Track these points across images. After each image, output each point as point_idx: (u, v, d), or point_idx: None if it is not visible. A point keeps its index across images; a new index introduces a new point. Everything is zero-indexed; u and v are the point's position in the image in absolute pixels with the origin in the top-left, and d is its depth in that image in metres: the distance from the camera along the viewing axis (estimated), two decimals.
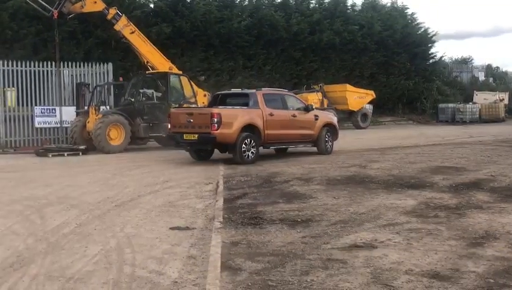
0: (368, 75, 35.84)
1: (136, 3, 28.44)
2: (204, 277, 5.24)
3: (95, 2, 20.92)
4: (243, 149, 14.10)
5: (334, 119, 17.17)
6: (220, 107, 15.05)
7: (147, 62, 21.33)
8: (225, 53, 30.37)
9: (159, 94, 20.10)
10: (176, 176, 12.46)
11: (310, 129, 15.82)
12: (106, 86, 20.93)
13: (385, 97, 35.62)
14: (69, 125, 20.05)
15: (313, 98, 28.71)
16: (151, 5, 29.24)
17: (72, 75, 21.79)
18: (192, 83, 20.49)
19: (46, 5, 20.90)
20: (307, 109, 15.96)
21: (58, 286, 5.17)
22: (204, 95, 21.78)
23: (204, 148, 15.06)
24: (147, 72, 20.89)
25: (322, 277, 5.16)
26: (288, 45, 32.31)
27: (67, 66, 21.55)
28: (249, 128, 14.39)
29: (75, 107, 20.66)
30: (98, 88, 20.17)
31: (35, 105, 20.77)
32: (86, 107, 19.63)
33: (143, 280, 5.32)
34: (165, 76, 19.92)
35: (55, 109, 20.70)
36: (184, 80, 20.13)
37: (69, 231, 7.37)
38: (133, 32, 21.19)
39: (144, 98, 19.60)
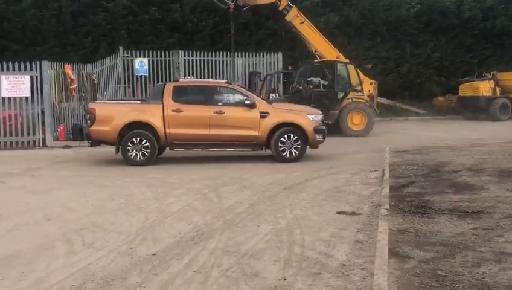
0: None
1: None
2: (372, 262, 5.21)
3: None
4: (128, 148, 12.27)
5: (304, 119, 12.77)
6: (108, 101, 14.01)
7: (315, 51, 21.49)
8: (392, 41, 29.56)
9: (326, 82, 20.15)
10: (341, 162, 12.47)
11: (251, 129, 12.52)
12: (276, 75, 21.43)
13: None
14: None
15: (485, 86, 26.99)
16: None
17: (244, 65, 22.56)
18: (358, 71, 20.26)
19: None
20: (250, 104, 12.59)
21: (234, 261, 5.44)
22: (371, 83, 21.49)
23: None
24: (314, 60, 21.03)
25: (495, 270, 4.89)
26: (459, 31, 30.60)
27: (241, 56, 22.32)
28: (144, 126, 12.43)
29: None
30: (269, 77, 20.72)
31: None
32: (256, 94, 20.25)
33: (312, 260, 5.41)
34: (332, 64, 19.90)
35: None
36: (351, 68, 19.95)
37: (242, 210, 7.71)
38: (302, 22, 21.47)
39: (311, 86, 19.76)
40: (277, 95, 20.41)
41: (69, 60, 20.39)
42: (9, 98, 16.35)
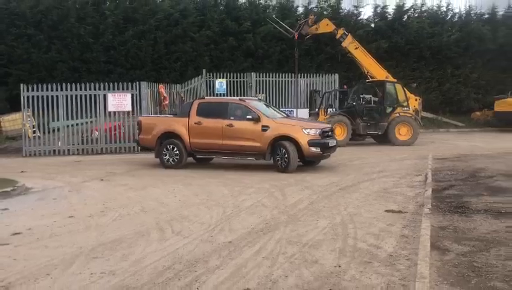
0: None
1: (360, 24, 28.32)
2: (416, 254, 5.11)
3: (327, 25, 21.57)
4: (164, 153, 12.59)
5: (298, 133, 11.70)
6: (158, 115, 14.88)
7: (367, 72, 21.23)
8: (435, 63, 28.76)
9: (376, 99, 19.85)
10: (389, 168, 12.23)
11: (254, 141, 11.92)
12: (333, 93, 21.25)
13: None
14: None
15: None
16: (372, 25, 28.88)
17: (306, 84, 22.50)
18: (405, 89, 19.84)
19: (289, 29, 22.03)
20: (255, 119, 11.94)
21: (296, 249, 5.45)
22: (416, 100, 21.00)
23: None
24: (366, 80, 20.77)
25: None
26: (494, 55, 29.41)
27: (303, 77, 22.29)
28: (175, 136, 12.60)
29: (308, 109, 21.36)
30: (327, 94, 20.58)
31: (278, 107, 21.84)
32: (316, 109, 20.16)
33: (363, 251, 5.36)
34: (382, 83, 19.59)
35: (293, 111, 21.46)
36: (398, 86, 19.57)
37: (303, 207, 7.70)
38: (356, 48, 21.28)
39: (363, 102, 19.53)
40: (334, 109, 20.26)
41: (162, 81, 21.01)
42: (114, 112, 17.03)
